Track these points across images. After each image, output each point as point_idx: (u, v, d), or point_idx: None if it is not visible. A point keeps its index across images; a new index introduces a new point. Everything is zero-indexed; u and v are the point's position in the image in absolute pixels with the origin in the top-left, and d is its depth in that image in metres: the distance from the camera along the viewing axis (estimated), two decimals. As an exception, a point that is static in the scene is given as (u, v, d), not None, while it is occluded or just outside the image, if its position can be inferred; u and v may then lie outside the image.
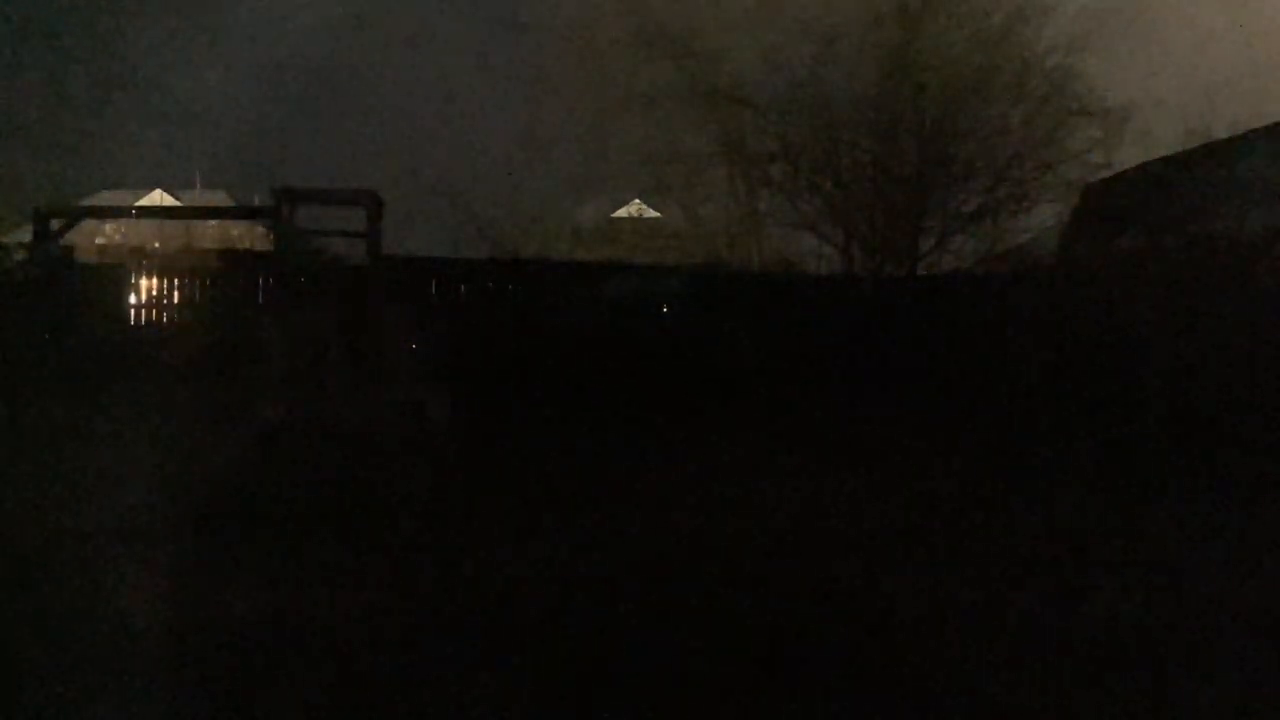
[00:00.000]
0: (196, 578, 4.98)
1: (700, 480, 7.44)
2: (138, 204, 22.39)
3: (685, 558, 5.57)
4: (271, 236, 14.97)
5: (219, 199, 24.42)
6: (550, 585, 5.04)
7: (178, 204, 25.51)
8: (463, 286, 12.75)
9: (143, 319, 12.55)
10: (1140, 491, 6.97)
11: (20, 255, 14.30)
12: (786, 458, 8.09)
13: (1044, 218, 13.96)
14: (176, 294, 12.59)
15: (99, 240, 21.48)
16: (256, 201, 18.38)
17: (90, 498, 6.42)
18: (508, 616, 4.61)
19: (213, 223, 19.99)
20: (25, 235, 14.50)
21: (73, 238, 14.70)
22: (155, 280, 12.61)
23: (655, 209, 18.56)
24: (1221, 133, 11.95)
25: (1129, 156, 13.07)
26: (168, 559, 5.21)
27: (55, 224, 13.94)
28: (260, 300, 12.52)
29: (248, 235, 18.74)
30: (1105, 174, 13.35)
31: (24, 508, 6.20)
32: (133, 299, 12.55)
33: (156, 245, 16.53)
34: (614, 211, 19.98)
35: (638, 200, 18.98)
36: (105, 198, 21.78)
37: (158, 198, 26.41)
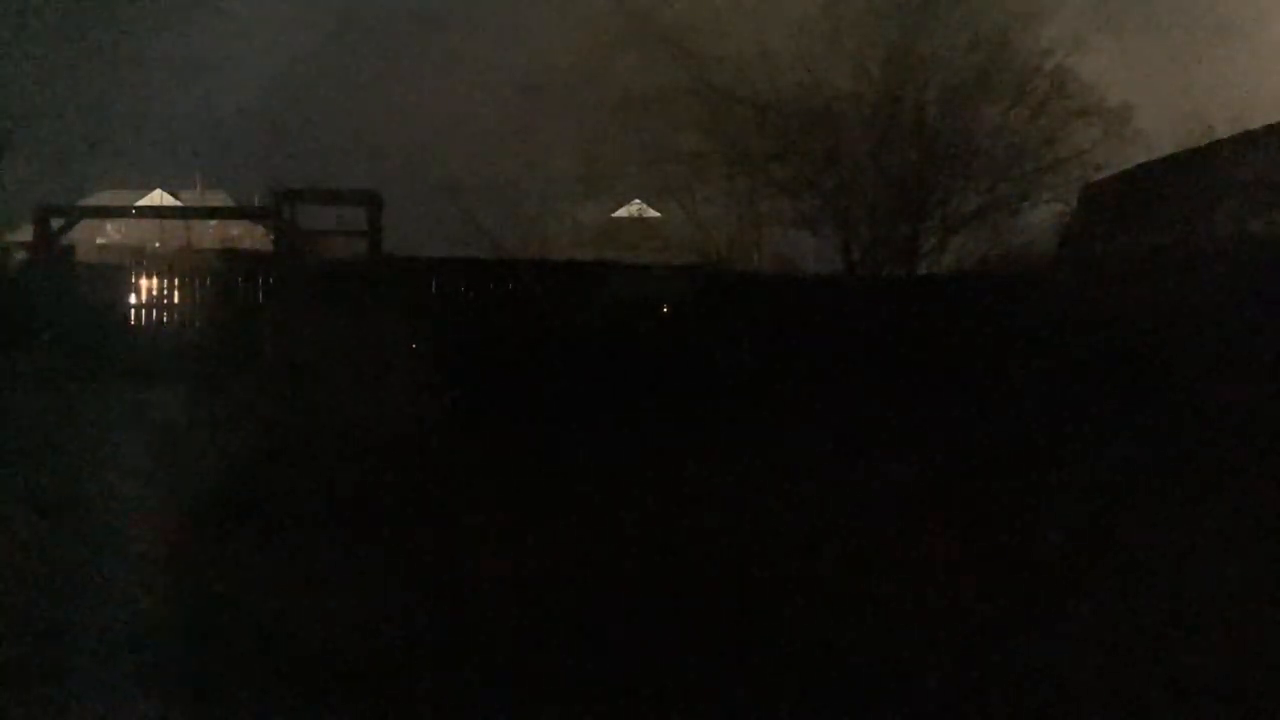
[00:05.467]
0: (192, 575, 4.99)
1: (700, 480, 7.44)
2: (138, 204, 22.39)
3: (683, 557, 5.57)
4: (271, 236, 15.02)
5: (219, 199, 24.40)
6: (547, 583, 5.04)
7: (178, 204, 25.50)
8: (462, 286, 12.75)
9: (143, 319, 12.56)
10: (1142, 493, 6.96)
11: (20, 255, 14.33)
12: (786, 457, 8.08)
13: (1044, 218, 13.99)
14: (176, 294, 12.60)
15: (99, 240, 21.51)
16: (256, 201, 18.40)
17: (90, 495, 6.42)
18: (508, 614, 4.61)
19: (213, 223, 20.02)
20: (25, 235, 14.53)
21: (73, 238, 14.73)
22: (155, 280, 12.62)
23: (655, 209, 18.55)
24: (1222, 133, 11.95)
25: (1129, 156, 13.09)
26: (165, 556, 5.22)
27: (55, 224, 13.98)
28: (260, 300, 12.53)
29: (248, 235, 18.76)
30: (1105, 174, 13.36)
31: (25, 507, 6.20)
32: (133, 299, 12.56)
33: (156, 245, 16.56)
34: (614, 211, 19.97)
35: (638, 200, 18.97)
36: (105, 198, 21.79)
37: (158, 198, 26.39)
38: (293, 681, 3.87)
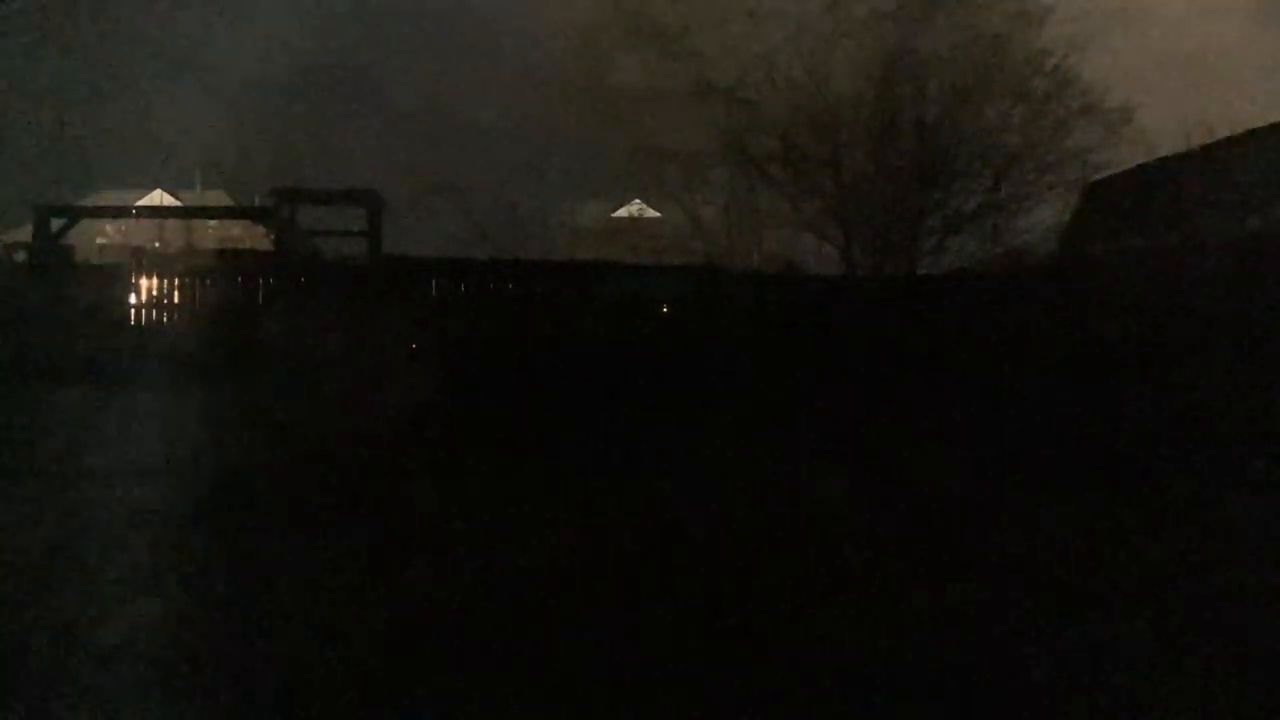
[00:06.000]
0: (189, 573, 4.98)
1: (699, 480, 7.43)
2: (138, 204, 22.41)
3: (682, 558, 5.57)
4: (271, 236, 15.03)
5: (219, 199, 24.43)
6: (544, 580, 5.04)
7: (178, 204, 25.51)
8: (462, 286, 12.76)
9: (143, 319, 12.55)
10: (1142, 494, 6.96)
11: (20, 255, 14.35)
12: (786, 457, 8.08)
13: (1044, 218, 13.99)
14: (176, 294, 12.59)
15: (99, 240, 21.55)
16: (256, 201, 18.42)
17: (89, 494, 6.42)
18: (505, 609, 4.61)
19: (213, 223, 20.05)
20: (25, 235, 14.55)
21: (73, 238, 14.75)
22: (155, 280, 12.61)
23: (655, 209, 18.57)
24: (1221, 133, 11.94)
25: (1129, 156, 13.09)
26: (165, 553, 5.22)
27: (55, 224, 13.99)
28: (260, 300, 12.53)
29: (248, 235, 18.78)
30: (1105, 174, 13.36)
31: (28, 505, 6.20)
32: (133, 299, 12.56)
33: (156, 245, 16.58)
34: (614, 211, 20.02)
35: (638, 200, 19.00)
36: (105, 198, 21.83)
37: (158, 198, 26.42)
38: (292, 682, 3.87)
